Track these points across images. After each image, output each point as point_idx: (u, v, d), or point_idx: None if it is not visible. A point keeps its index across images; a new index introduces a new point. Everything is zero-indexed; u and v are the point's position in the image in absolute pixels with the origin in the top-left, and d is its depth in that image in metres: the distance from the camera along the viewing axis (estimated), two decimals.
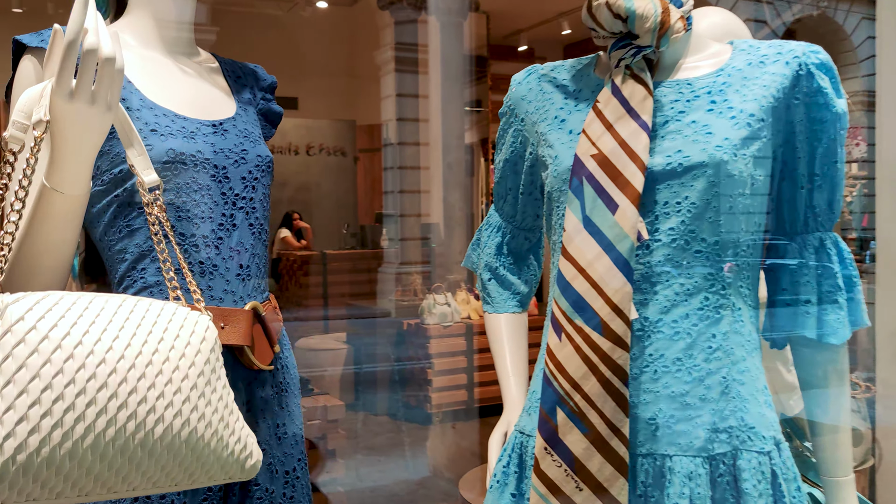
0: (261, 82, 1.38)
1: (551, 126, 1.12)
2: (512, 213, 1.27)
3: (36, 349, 0.78)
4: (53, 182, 0.95)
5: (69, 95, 0.88)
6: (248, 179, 1.21)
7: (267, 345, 1.21)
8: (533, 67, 1.21)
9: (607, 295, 0.97)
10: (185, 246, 1.13)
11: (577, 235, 1.00)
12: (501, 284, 1.30)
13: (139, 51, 1.20)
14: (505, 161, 1.24)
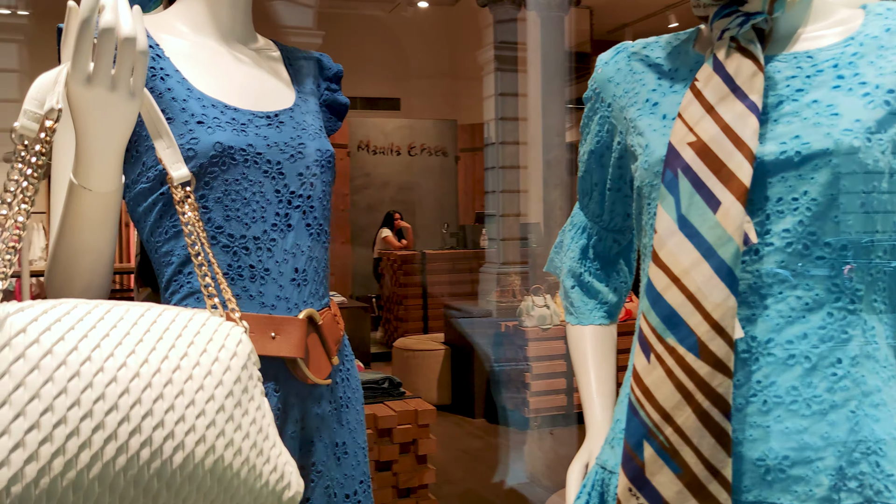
0: (325, 71, 1.28)
1: (642, 111, 0.97)
2: (598, 211, 1.12)
3: (37, 366, 0.69)
4: (80, 178, 0.87)
5: (86, 80, 0.79)
6: (305, 176, 1.10)
7: (324, 357, 1.10)
8: (622, 45, 1.06)
9: (706, 309, 0.81)
10: (233, 248, 1.03)
11: (671, 238, 0.85)
12: (586, 293, 1.14)
13: (191, 38, 1.11)
14: (590, 153, 1.09)
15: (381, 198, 9.03)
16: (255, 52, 1.19)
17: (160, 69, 1.04)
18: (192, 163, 1.00)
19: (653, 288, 0.85)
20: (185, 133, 1.01)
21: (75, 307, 0.75)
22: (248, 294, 1.04)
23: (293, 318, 1.05)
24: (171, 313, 0.81)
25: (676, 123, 0.88)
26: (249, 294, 1.04)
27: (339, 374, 1.15)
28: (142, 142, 1.02)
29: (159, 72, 1.04)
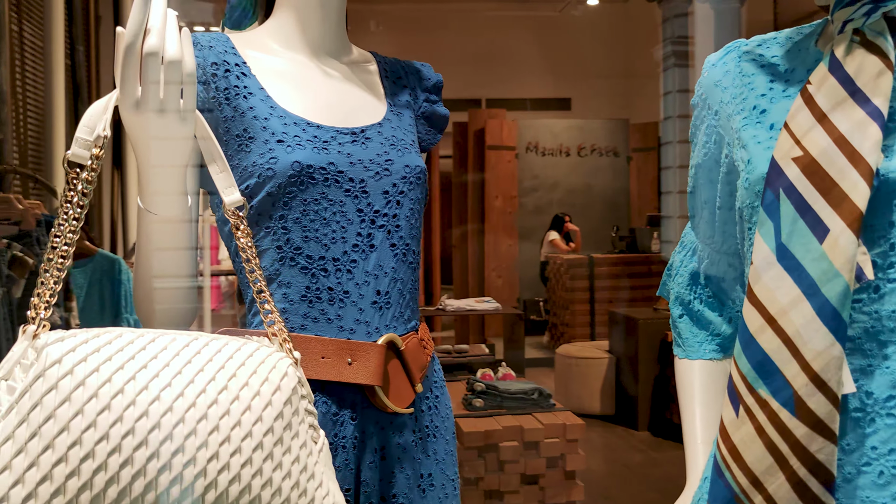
0: (424, 82, 1.23)
1: (748, 120, 0.84)
2: (709, 232, 0.99)
3: (67, 398, 0.68)
4: (145, 202, 0.87)
5: (135, 106, 0.78)
6: (391, 193, 1.06)
7: (406, 384, 1.05)
8: (734, 44, 0.93)
9: (805, 358, 0.68)
10: (312, 269, 1.00)
11: (768, 271, 0.72)
12: (696, 322, 1.02)
13: (281, 53, 1.10)
14: (697, 167, 0.97)
15: (550, 200, 8.91)
16: (349, 65, 1.16)
17: (244, 87, 1.03)
18: (270, 183, 0.98)
19: (745, 329, 0.73)
20: (266, 152, 0.99)
21: (119, 336, 0.74)
22: (327, 317, 1.00)
23: (371, 344, 1.01)
24: (219, 343, 0.78)
25: (782, 135, 0.75)
26: (328, 317, 1.00)
27: (426, 402, 1.10)
28: (228, 162, 1.02)
29: (243, 90, 1.03)
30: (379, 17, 9.88)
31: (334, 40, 1.14)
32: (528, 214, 8.86)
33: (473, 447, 3.09)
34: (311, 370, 0.98)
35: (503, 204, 8.67)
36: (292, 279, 1.00)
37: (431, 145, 1.23)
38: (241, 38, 1.10)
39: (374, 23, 9.98)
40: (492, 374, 3.64)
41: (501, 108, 9.10)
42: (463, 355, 4.71)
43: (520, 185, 8.80)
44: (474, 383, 3.43)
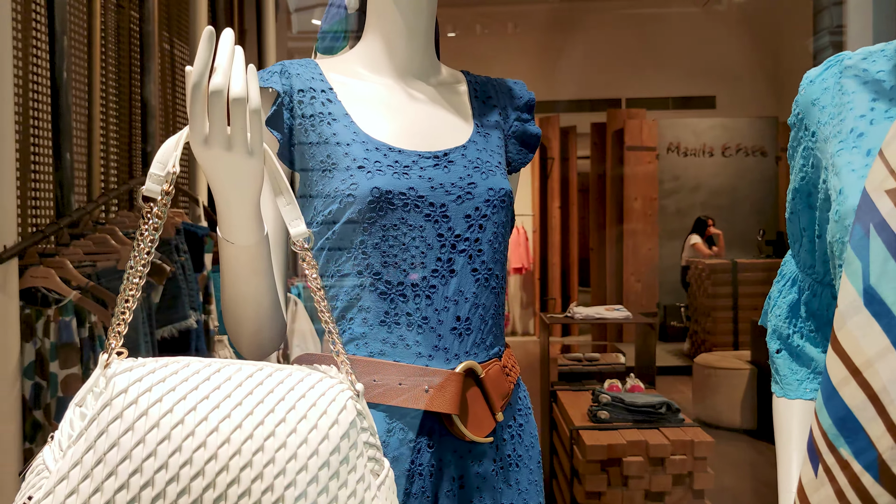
0: (516, 101, 1.20)
1: (844, 143, 0.77)
2: (809, 261, 0.91)
3: (131, 427, 0.71)
4: (223, 232, 0.90)
5: (203, 142, 0.80)
6: (473, 217, 1.04)
7: (486, 412, 1.03)
8: (837, 57, 0.85)
9: (891, 417, 0.61)
10: (391, 295, 1.00)
11: (854, 316, 0.65)
12: (796, 359, 0.94)
13: (368, 78, 1.11)
14: (795, 191, 0.89)
15: (692, 202, 8.58)
16: (436, 86, 1.15)
17: (328, 114, 1.04)
18: (351, 208, 0.99)
19: (828, 379, 0.66)
20: (347, 178, 1.00)
21: (185, 367, 0.77)
22: (405, 343, 1.00)
23: (449, 371, 0.99)
24: (281, 375, 0.79)
25: (875, 163, 0.68)
26: (406, 343, 1.00)
27: (508, 431, 1.07)
28: (313, 187, 1.04)
29: (327, 116, 1.04)
30: (517, 19, 9.86)
31: (422, 63, 1.14)
32: (669, 217, 8.58)
33: (596, 460, 3.02)
34: (388, 396, 0.98)
35: (643, 206, 8.44)
36: (372, 304, 1.01)
37: (523, 165, 1.20)
38: (329, 64, 1.11)
39: (511, 24, 9.98)
40: (619, 386, 3.55)
41: (641, 107, 8.87)
42: (594, 363, 4.62)
43: (660, 186, 8.55)
44: (599, 394, 3.35)
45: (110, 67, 3.21)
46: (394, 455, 0.97)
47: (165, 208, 0.78)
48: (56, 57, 2.55)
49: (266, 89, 1.04)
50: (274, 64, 1.09)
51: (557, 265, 9.15)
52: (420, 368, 0.99)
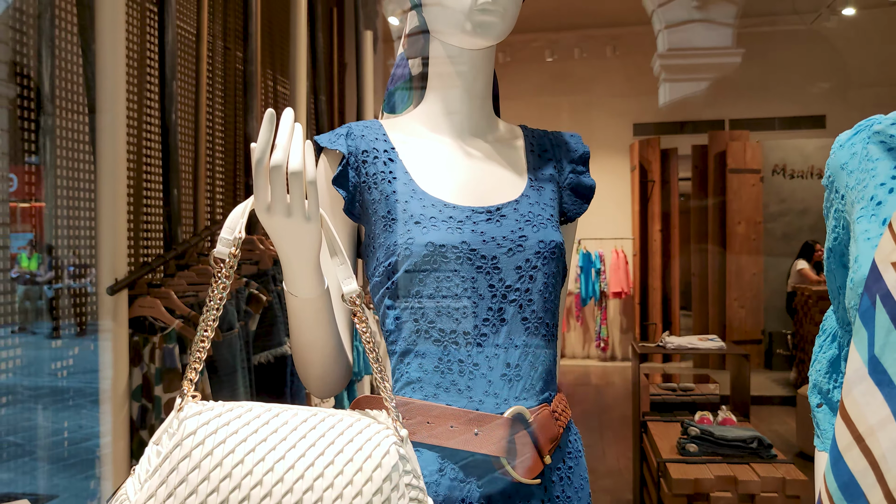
0: (571, 153, 1.26)
1: (864, 210, 0.79)
2: (847, 318, 0.93)
3: (198, 465, 0.80)
4: (288, 286, 0.99)
5: (266, 210, 0.90)
6: (524, 269, 1.10)
7: (535, 455, 1.08)
8: (867, 121, 0.87)
9: (888, 486, 0.63)
10: (444, 342, 1.08)
11: (859, 384, 0.68)
12: (836, 413, 0.96)
13: (427, 136, 1.19)
14: (829, 250, 0.91)
15: (799, 226, 8.30)
16: (493, 143, 1.22)
17: (389, 172, 1.13)
18: (408, 261, 1.07)
19: (835, 444, 0.69)
20: (404, 233, 1.08)
21: (248, 411, 0.86)
22: (457, 388, 1.07)
23: (497, 416, 1.05)
24: (333, 420, 0.87)
25: (885, 234, 0.70)
26: (458, 388, 1.07)
27: (557, 473, 1.12)
28: (376, 240, 1.12)
29: (388, 175, 1.13)
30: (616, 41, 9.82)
31: (479, 121, 1.21)
32: (775, 241, 8.33)
33: (682, 494, 2.98)
34: (440, 437, 1.05)
35: (746, 230, 8.23)
36: (427, 350, 1.08)
37: (578, 215, 1.25)
38: (392, 124, 1.20)
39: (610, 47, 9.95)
40: (710, 418, 3.49)
41: (746, 128, 8.66)
42: (687, 393, 4.54)
43: (765, 209, 8.30)
44: (689, 427, 3.31)
45: (217, 106, 3.43)
46: (445, 494, 1.04)
47: (232, 270, 0.88)
48: (166, 100, 2.76)
49: (333, 151, 1.14)
50: (341, 126, 1.18)
51: (658, 290, 9.01)
52: (470, 412, 1.05)
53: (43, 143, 2.22)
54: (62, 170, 2.32)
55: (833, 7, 8.12)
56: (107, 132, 2.22)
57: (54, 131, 2.28)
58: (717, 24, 9.41)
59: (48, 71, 2.22)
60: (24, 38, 2.20)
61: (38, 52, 2.23)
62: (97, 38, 2.24)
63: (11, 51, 2.12)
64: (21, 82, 2.19)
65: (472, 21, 1.12)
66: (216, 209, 3.40)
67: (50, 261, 2.36)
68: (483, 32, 1.13)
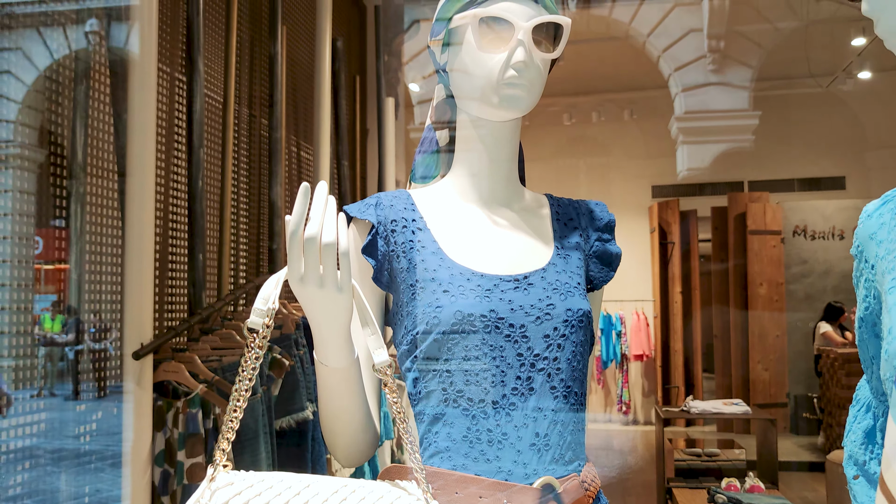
0: (597, 222, 1.27)
1: (895, 282, 0.79)
2: (881, 388, 0.92)
3: None
4: (319, 356, 1.00)
5: (300, 280, 0.91)
6: (552, 337, 1.10)
7: None
8: (894, 192, 0.88)
9: None
10: (472, 412, 1.07)
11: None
12: (873, 485, 0.94)
13: (455, 205, 1.21)
14: (861, 320, 0.91)
15: (822, 287, 8.23)
16: (519, 212, 1.23)
17: (418, 241, 1.14)
18: (436, 330, 1.07)
19: None
20: (433, 301, 1.09)
21: (280, 481, 0.86)
22: (486, 458, 1.06)
23: (526, 487, 1.04)
24: (363, 492, 0.87)
25: None
26: (487, 458, 1.06)
27: None
28: (404, 308, 1.13)
29: (417, 244, 1.14)
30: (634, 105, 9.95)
31: (505, 191, 1.23)
32: (797, 302, 8.25)
33: None
34: None
35: (769, 292, 8.17)
36: (455, 420, 1.08)
37: (604, 283, 1.26)
38: (421, 194, 1.22)
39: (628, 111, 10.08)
40: (738, 485, 3.42)
41: (765, 190, 8.67)
42: (713, 459, 4.46)
43: (787, 271, 8.25)
44: (715, 494, 3.24)
45: (241, 172, 3.49)
46: None
47: (265, 340, 0.89)
48: (193, 167, 2.81)
49: (362, 220, 1.16)
50: (370, 196, 1.20)
51: (680, 352, 8.91)
52: (499, 483, 1.04)
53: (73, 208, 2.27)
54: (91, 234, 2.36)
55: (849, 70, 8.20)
56: (135, 197, 2.26)
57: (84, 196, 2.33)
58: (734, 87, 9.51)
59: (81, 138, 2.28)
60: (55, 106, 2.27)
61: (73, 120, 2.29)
62: (129, 106, 2.30)
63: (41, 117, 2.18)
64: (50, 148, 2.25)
65: (500, 94, 1.14)
66: (239, 274, 3.43)
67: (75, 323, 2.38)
68: (509, 105, 1.15)
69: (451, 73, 1.21)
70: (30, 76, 2.16)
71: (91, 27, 2.38)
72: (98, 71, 2.42)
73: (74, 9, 2.37)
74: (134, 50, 2.31)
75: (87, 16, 2.39)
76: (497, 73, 1.13)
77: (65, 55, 2.31)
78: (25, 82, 2.14)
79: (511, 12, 1.13)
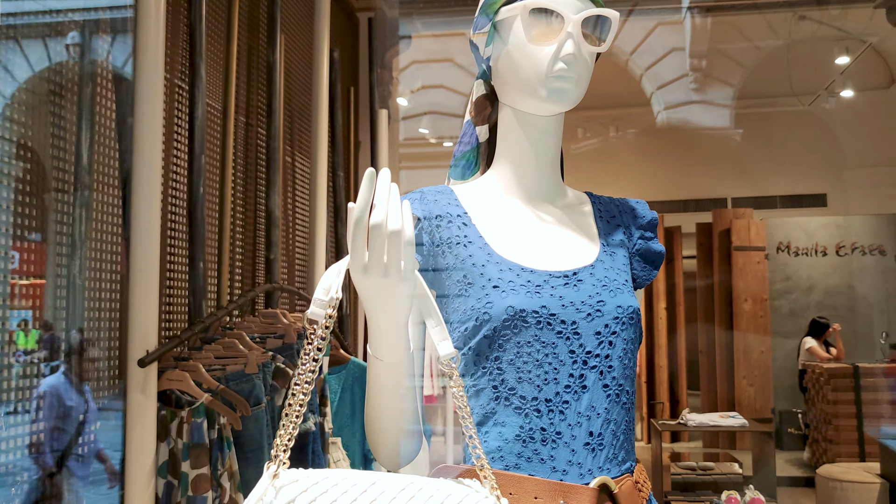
0: (639, 220, 1.25)
1: None
2: None
3: None
4: (373, 350, 0.97)
5: (363, 270, 0.88)
6: (603, 334, 1.08)
7: None
8: None
9: None
10: (525, 410, 1.04)
11: None
12: None
13: (499, 201, 1.18)
14: None
15: (806, 303, 8.29)
16: (563, 208, 1.21)
17: (465, 237, 1.12)
18: (487, 326, 1.05)
19: None
20: (482, 297, 1.06)
21: (345, 479, 0.82)
22: (540, 458, 1.03)
23: (584, 487, 1.01)
24: (431, 489, 0.84)
25: None
26: (541, 458, 1.03)
27: None
28: (449, 305, 1.10)
29: (463, 239, 1.11)
30: (618, 122, 10.03)
31: (549, 186, 1.21)
32: (782, 318, 8.31)
33: None
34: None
35: (753, 307, 8.22)
36: (507, 419, 1.05)
37: (647, 282, 1.24)
38: (463, 189, 1.20)
39: (613, 127, 10.15)
40: (737, 498, 3.40)
41: (748, 206, 8.75)
42: (708, 473, 4.45)
43: (771, 287, 8.31)
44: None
45: (238, 181, 3.45)
46: None
47: (328, 331, 0.86)
48: (194, 174, 2.77)
49: None
50: (413, 191, 1.18)
51: (665, 368, 8.93)
52: (555, 483, 1.01)
53: (78, 212, 2.21)
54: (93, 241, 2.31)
55: (831, 89, 8.32)
56: (143, 204, 2.22)
57: (87, 204, 2.28)
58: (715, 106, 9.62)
59: (87, 143, 2.24)
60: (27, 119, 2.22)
61: (78, 127, 2.24)
62: (136, 113, 2.26)
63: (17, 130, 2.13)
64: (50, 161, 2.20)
65: (548, 87, 1.12)
66: (235, 282, 3.38)
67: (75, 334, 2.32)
68: (558, 99, 1.13)
69: (496, 66, 1.19)
70: (9, 87, 2.10)
71: (73, 40, 2.33)
72: (101, 76, 2.38)
73: (76, 19, 2.33)
74: (141, 56, 2.27)
75: (78, 26, 2.34)
76: (546, 66, 1.12)
77: (56, 63, 2.26)
78: (4, 94, 2.08)
79: (561, 4, 1.12)
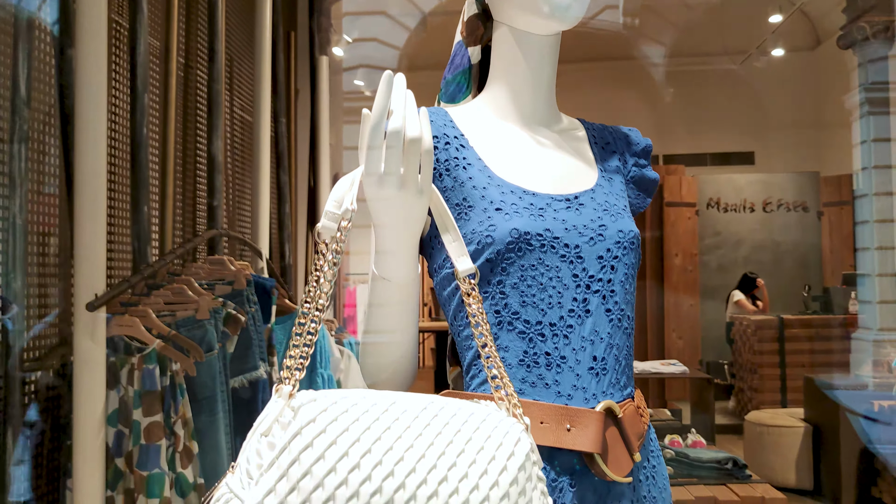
0: (633, 147, 1.23)
1: None
2: None
3: (322, 455, 0.72)
4: (379, 269, 0.92)
5: (378, 181, 0.83)
6: (605, 259, 1.06)
7: (624, 453, 1.03)
8: None
9: None
10: (529, 334, 1.02)
11: None
12: None
13: (495, 124, 1.14)
14: None
15: (734, 258, 8.55)
16: (559, 133, 1.18)
17: (463, 158, 1.08)
18: (489, 249, 1.01)
19: None
20: (484, 220, 1.03)
21: (363, 398, 0.78)
22: (545, 382, 1.01)
23: (589, 411, 1.00)
24: (454, 408, 0.81)
25: None
26: (545, 382, 1.01)
27: (643, 472, 1.07)
28: None
29: (462, 161, 1.07)
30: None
31: (545, 109, 1.17)
32: (710, 273, 8.54)
33: None
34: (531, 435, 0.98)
35: (683, 262, 8.42)
36: (510, 344, 1.02)
37: (641, 209, 1.22)
38: (457, 112, 1.15)
39: None
40: (680, 441, 3.49)
41: (680, 163, 8.92)
42: None
43: (701, 242, 8.52)
44: (663, 449, 3.30)
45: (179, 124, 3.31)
46: None
47: (343, 244, 0.81)
48: (137, 114, 2.63)
49: None
50: None
51: None
52: (561, 408, 0.99)
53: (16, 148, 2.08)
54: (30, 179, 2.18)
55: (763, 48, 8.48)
56: (87, 144, 2.09)
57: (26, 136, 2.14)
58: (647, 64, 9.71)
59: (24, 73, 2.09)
60: None
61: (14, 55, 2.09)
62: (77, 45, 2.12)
63: None
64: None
65: (550, 3, 1.08)
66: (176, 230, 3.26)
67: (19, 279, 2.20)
68: (560, 15, 1.09)
69: None
70: None
71: None
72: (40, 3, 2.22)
73: None
74: None
75: None
76: None
77: None
78: None
79: None
